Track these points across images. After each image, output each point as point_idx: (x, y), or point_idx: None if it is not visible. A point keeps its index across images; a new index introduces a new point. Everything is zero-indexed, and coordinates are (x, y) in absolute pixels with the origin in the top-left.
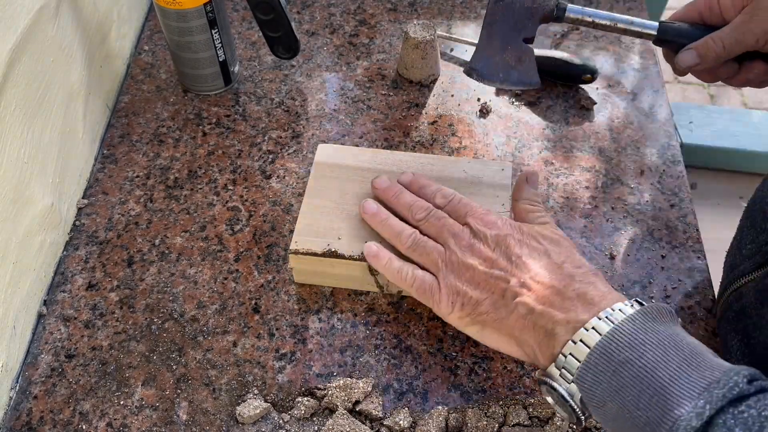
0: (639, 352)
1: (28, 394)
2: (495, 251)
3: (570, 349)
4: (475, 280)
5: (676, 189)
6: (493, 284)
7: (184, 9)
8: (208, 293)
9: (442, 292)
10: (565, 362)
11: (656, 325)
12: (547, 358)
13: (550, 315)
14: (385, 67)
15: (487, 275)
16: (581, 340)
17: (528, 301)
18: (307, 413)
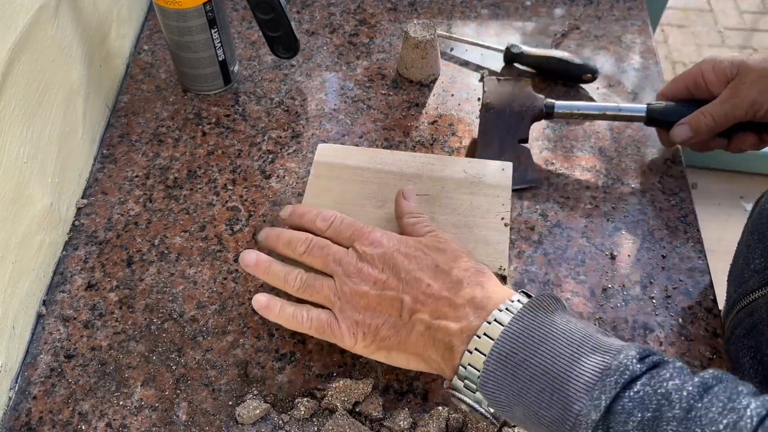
0: (531, 350)
1: (27, 395)
2: (384, 271)
3: (468, 359)
4: (371, 305)
5: (677, 189)
6: (388, 306)
7: (184, 8)
8: (208, 293)
9: (341, 327)
10: (466, 373)
11: (544, 317)
12: (451, 371)
13: (445, 328)
14: (385, 66)
15: (381, 298)
16: (476, 348)
17: (424, 317)
18: (307, 414)
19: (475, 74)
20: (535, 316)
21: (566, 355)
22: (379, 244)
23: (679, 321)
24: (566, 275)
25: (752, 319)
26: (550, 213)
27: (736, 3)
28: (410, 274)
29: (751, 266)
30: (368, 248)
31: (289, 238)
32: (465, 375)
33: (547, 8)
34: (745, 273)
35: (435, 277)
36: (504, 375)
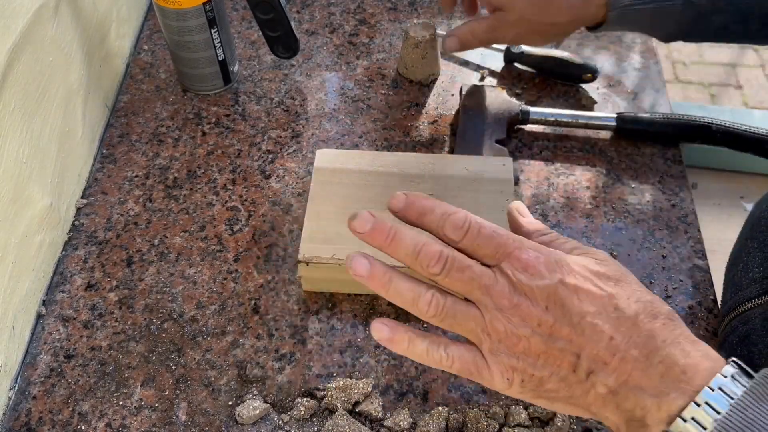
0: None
1: (27, 395)
2: (549, 311)
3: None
4: (533, 352)
5: (677, 189)
6: (557, 357)
7: (184, 8)
8: (208, 293)
9: (492, 370)
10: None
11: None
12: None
13: (636, 399)
14: (385, 66)
15: (547, 347)
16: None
17: (608, 381)
18: (307, 414)
19: (475, 74)
20: (760, 408)
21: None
22: (537, 271)
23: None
24: None
25: (746, 327)
26: (550, 213)
27: None
28: (584, 320)
29: (749, 274)
30: (523, 275)
31: (414, 249)
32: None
33: None
34: (743, 280)
35: (617, 325)
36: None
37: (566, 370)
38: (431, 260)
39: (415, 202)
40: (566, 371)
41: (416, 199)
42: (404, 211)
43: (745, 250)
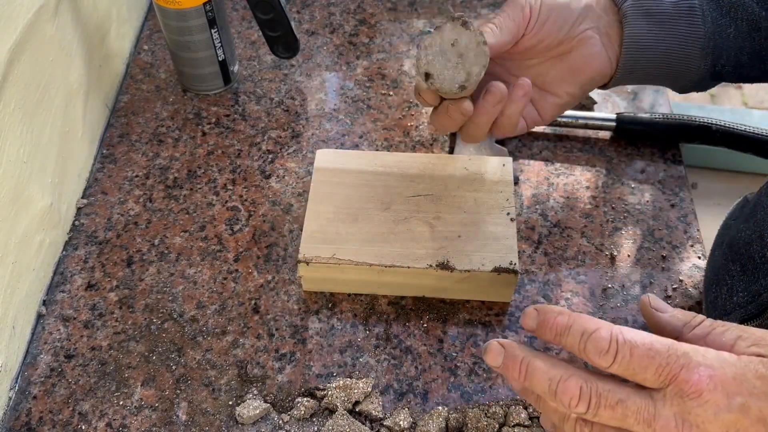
0: None
1: (27, 395)
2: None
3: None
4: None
5: (677, 189)
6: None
7: (184, 8)
8: (208, 293)
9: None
10: None
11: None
12: None
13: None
14: (385, 66)
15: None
16: None
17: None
18: (307, 414)
19: None
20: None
21: None
22: (712, 400)
23: None
24: (566, 275)
25: None
26: (550, 213)
27: None
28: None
29: (734, 299)
30: (696, 408)
31: (548, 385)
32: None
33: None
34: (727, 304)
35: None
36: None
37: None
38: (572, 399)
39: (548, 321)
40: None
41: (549, 318)
42: (538, 333)
43: (728, 272)
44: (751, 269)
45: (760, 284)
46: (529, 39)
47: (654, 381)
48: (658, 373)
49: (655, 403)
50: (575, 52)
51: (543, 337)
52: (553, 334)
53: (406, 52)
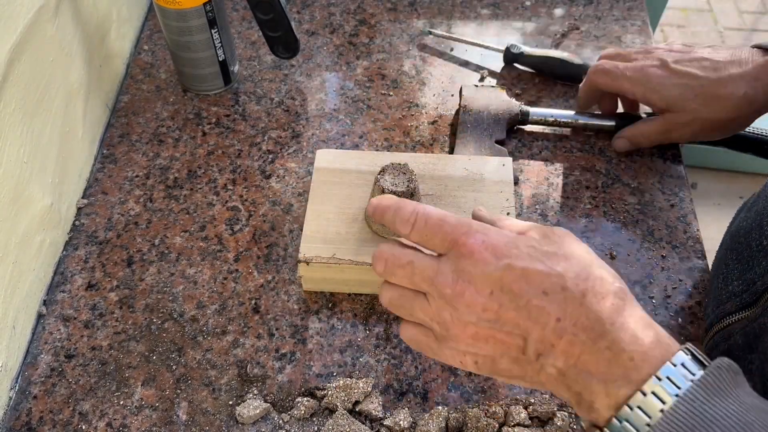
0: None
1: (27, 394)
2: (494, 295)
3: (615, 429)
4: (481, 337)
5: (677, 189)
6: (506, 341)
7: (184, 9)
8: (208, 293)
9: (445, 354)
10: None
11: (720, 402)
12: (588, 421)
13: (585, 383)
14: (385, 66)
15: (494, 331)
16: (627, 420)
17: (556, 362)
18: (307, 413)
19: (475, 74)
20: (707, 400)
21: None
22: (482, 257)
23: (678, 321)
24: None
25: (728, 343)
26: (550, 213)
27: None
28: (531, 303)
29: (729, 287)
30: (468, 263)
31: (374, 253)
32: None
33: (547, 8)
34: (723, 293)
35: (564, 306)
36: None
37: (516, 352)
38: (376, 261)
39: (378, 206)
40: (516, 353)
41: (379, 203)
42: (374, 217)
43: (725, 262)
44: (747, 257)
45: (754, 272)
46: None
47: (441, 246)
48: (445, 240)
49: (439, 263)
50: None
51: (378, 221)
52: (380, 216)
53: (406, 52)
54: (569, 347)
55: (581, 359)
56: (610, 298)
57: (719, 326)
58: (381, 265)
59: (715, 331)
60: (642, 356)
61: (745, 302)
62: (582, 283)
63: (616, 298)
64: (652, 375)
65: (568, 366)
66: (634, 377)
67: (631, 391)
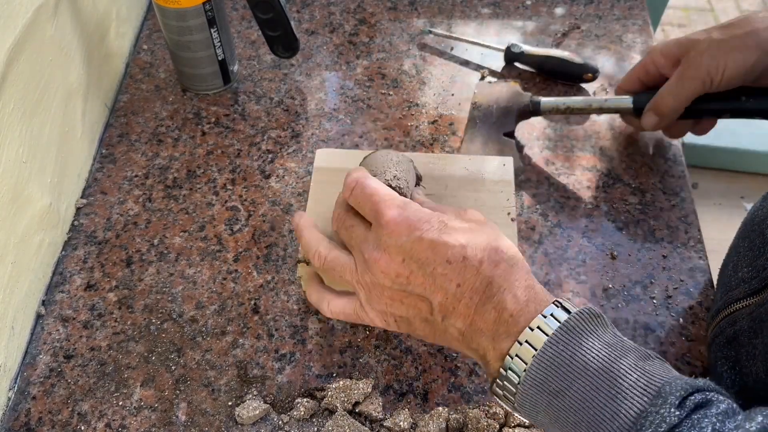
0: (567, 381)
1: (26, 395)
2: (405, 263)
3: (503, 377)
4: (396, 298)
5: (678, 189)
6: (415, 302)
7: (183, 8)
8: (207, 293)
9: (370, 316)
10: (503, 388)
11: (581, 341)
12: (489, 374)
13: (479, 340)
14: (385, 66)
15: (405, 294)
16: (510, 368)
17: (457, 323)
18: (307, 414)
19: (475, 74)
20: (570, 341)
21: (603, 390)
22: (397, 229)
23: (680, 321)
24: (567, 275)
25: (734, 329)
26: (550, 213)
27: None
28: (436, 270)
29: (738, 274)
30: (386, 235)
31: (335, 208)
32: (502, 388)
33: (547, 7)
34: (732, 280)
35: (463, 273)
36: (539, 400)
37: (425, 313)
38: (334, 218)
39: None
40: (426, 314)
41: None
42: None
43: (736, 249)
44: (759, 245)
45: (765, 258)
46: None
47: (369, 215)
48: (372, 210)
49: (367, 232)
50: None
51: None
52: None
53: (406, 52)
54: (466, 309)
55: (475, 319)
56: (503, 264)
57: (726, 312)
58: (335, 224)
59: (722, 316)
60: (519, 312)
61: (753, 288)
62: (480, 252)
63: (507, 264)
64: (526, 327)
65: (466, 326)
66: (513, 330)
67: (511, 343)
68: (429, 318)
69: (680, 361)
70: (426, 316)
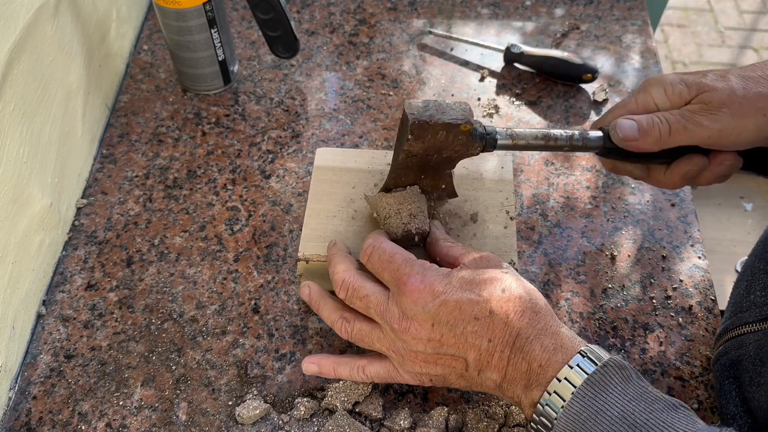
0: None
1: (27, 395)
2: (435, 328)
3: (536, 422)
4: (430, 360)
5: (678, 189)
6: (449, 363)
7: (184, 8)
8: (208, 293)
9: (405, 377)
10: (538, 430)
11: (607, 395)
12: (525, 417)
13: (513, 390)
14: (385, 66)
15: (440, 356)
16: (541, 417)
17: (493, 376)
18: (307, 414)
19: (475, 74)
20: (596, 395)
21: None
22: (420, 299)
23: (679, 321)
24: (566, 275)
25: (739, 352)
26: (550, 213)
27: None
28: (466, 329)
29: (750, 296)
30: (409, 304)
31: (334, 278)
32: (536, 429)
33: (547, 8)
34: (744, 301)
35: (492, 328)
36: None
37: (461, 370)
38: (338, 288)
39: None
40: (461, 371)
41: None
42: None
43: (752, 269)
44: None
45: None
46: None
47: (389, 282)
48: (392, 278)
49: (388, 300)
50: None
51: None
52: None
53: (406, 52)
54: (499, 362)
55: (508, 371)
56: (528, 313)
57: (734, 333)
58: (343, 293)
59: (729, 337)
60: (547, 362)
61: (764, 314)
62: (505, 304)
63: (532, 312)
64: (554, 377)
65: (501, 377)
66: (542, 381)
67: (541, 393)
68: (464, 374)
69: (680, 361)
70: (461, 372)
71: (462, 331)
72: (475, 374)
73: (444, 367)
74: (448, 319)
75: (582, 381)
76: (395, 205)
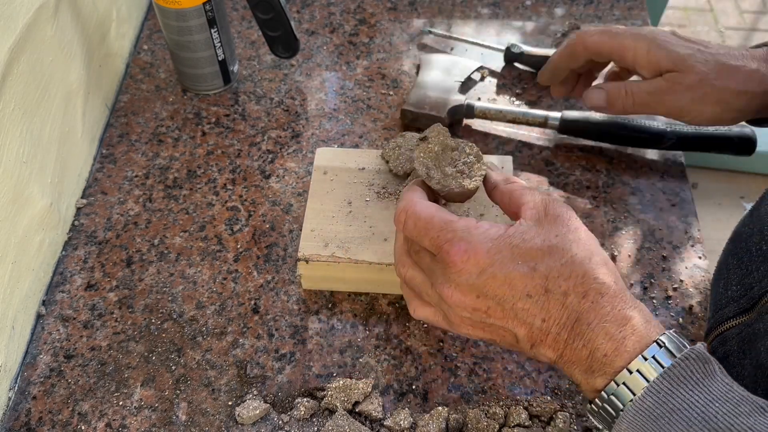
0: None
1: (26, 395)
2: (481, 298)
3: (598, 407)
4: (476, 327)
5: (678, 188)
6: (497, 332)
7: (184, 8)
8: (208, 293)
9: (456, 331)
10: (598, 414)
11: (686, 393)
12: (583, 393)
13: (572, 371)
14: (385, 66)
15: (487, 325)
16: (605, 404)
17: (547, 353)
18: (307, 414)
19: (475, 74)
20: (672, 392)
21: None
22: (465, 270)
23: (679, 321)
24: None
25: (724, 349)
26: None
27: (736, 3)
28: (516, 305)
29: (728, 292)
30: (452, 272)
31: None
32: (596, 414)
33: (547, 8)
34: (722, 299)
35: (547, 307)
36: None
37: (511, 340)
38: (395, 254)
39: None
40: (511, 342)
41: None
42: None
43: (727, 266)
44: (747, 262)
45: (753, 277)
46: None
47: (430, 248)
48: (432, 244)
49: (433, 262)
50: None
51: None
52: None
53: (406, 52)
54: (554, 343)
55: (566, 353)
56: (591, 295)
57: (717, 331)
58: (398, 267)
59: (714, 335)
60: (615, 352)
61: (742, 307)
62: (564, 283)
63: (597, 294)
64: (624, 368)
65: (557, 356)
66: (608, 370)
67: (605, 382)
68: (515, 345)
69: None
70: (512, 343)
71: (512, 307)
72: (527, 347)
73: (492, 334)
74: (495, 293)
75: (657, 375)
76: (426, 165)
